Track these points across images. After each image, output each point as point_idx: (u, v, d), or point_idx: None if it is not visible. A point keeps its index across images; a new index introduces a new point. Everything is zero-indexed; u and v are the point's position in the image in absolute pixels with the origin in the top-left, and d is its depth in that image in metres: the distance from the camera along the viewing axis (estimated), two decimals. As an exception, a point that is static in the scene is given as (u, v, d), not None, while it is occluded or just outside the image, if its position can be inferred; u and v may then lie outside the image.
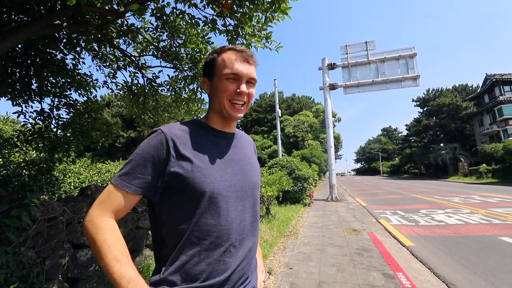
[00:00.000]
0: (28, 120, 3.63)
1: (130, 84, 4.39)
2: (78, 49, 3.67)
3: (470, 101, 36.73)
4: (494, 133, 32.38)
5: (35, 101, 3.64)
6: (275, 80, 17.12)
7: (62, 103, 3.90)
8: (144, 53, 4.11)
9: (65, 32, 3.28)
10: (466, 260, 3.89)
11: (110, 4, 2.83)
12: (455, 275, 3.40)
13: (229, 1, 2.63)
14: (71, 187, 5.48)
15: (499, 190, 14.49)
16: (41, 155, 4.14)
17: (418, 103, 43.62)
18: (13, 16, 2.71)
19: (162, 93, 4.57)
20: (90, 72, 4.14)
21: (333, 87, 13.34)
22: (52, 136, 3.81)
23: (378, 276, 3.29)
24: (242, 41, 3.07)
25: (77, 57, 3.76)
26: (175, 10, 3.13)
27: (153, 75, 4.35)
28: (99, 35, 3.26)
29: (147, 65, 4.30)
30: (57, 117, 3.85)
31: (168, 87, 4.43)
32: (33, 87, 3.56)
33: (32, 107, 3.67)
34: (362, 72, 13.18)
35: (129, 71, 4.29)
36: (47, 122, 3.79)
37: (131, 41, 4.02)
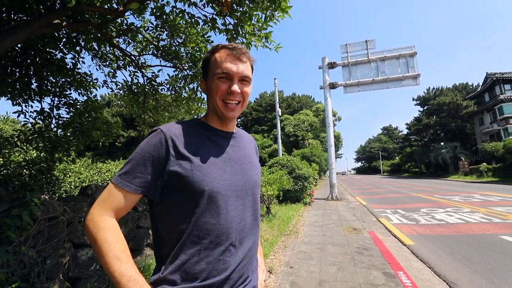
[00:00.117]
0: (28, 119, 3.63)
1: (130, 84, 4.38)
2: (78, 48, 3.66)
3: (470, 100, 36.68)
4: (494, 132, 32.35)
5: (35, 101, 3.64)
6: (275, 79, 17.12)
7: (62, 103, 3.90)
8: (144, 52, 4.10)
9: (64, 32, 3.27)
10: (467, 259, 3.89)
11: (110, 3, 2.82)
12: (456, 274, 3.40)
13: (228, 0, 2.63)
14: (72, 186, 5.49)
15: (499, 189, 14.48)
16: (42, 154, 4.14)
17: (419, 102, 43.57)
18: (12, 16, 2.71)
19: (162, 92, 4.56)
20: (90, 71, 4.16)
21: (333, 86, 13.33)
22: (52, 136, 3.81)
23: (378, 275, 3.29)
24: (242, 40, 3.06)
25: (77, 56, 3.75)
26: (174, 9, 3.12)
27: (153, 74, 4.35)
28: (99, 34, 3.26)
29: (147, 64, 4.30)
30: (57, 117, 3.85)
31: (168, 86, 4.42)
32: (33, 86, 3.56)
33: (32, 106, 3.67)
34: (362, 71, 13.16)
35: (129, 70, 4.28)
36: (47, 122, 3.79)
37: (130, 40, 4.01)
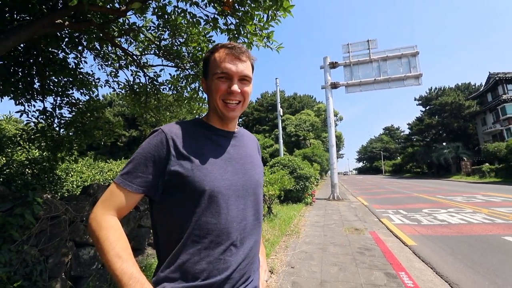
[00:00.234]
0: (31, 119, 3.64)
1: (132, 83, 4.39)
2: (80, 48, 3.67)
3: (473, 100, 36.49)
4: (497, 132, 32.17)
5: (37, 100, 3.65)
6: (276, 79, 17.12)
7: (65, 102, 3.91)
8: (146, 52, 4.10)
9: (67, 31, 3.28)
10: (469, 260, 3.87)
11: (112, 3, 2.83)
12: (458, 274, 3.38)
13: (230, 0, 2.62)
14: (74, 185, 5.50)
15: (502, 189, 14.40)
16: (44, 154, 4.15)
17: (421, 102, 43.38)
18: (15, 15, 2.72)
19: (163, 92, 4.57)
20: (92, 71, 4.14)
21: (335, 86, 13.30)
22: (55, 135, 3.82)
23: (380, 276, 3.28)
24: (243, 40, 3.06)
25: (79, 56, 3.76)
26: (176, 9, 3.12)
27: (155, 74, 4.35)
28: (101, 34, 3.26)
29: (148, 64, 4.30)
30: (60, 116, 3.86)
31: (169, 86, 4.42)
32: (35, 86, 3.57)
33: (34, 106, 3.68)
34: (364, 71, 13.13)
35: (130, 70, 4.29)
36: (49, 121, 3.80)
37: (132, 40, 4.01)
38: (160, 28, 3.59)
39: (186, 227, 0.77)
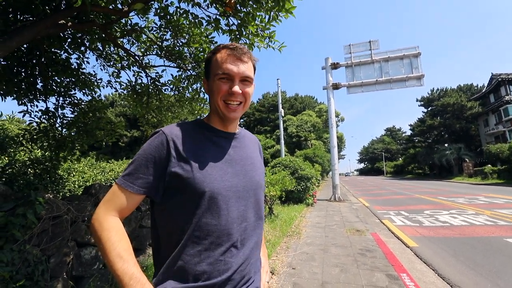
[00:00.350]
0: (33, 119, 3.66)
1: (134, 84, 4.40)
2: (83, 48, 3.69)
3: (475, 101, 36.33)
4: (499, 133, 32.00)
5: (40, 100, 3.67)
6: (278, 79, 17.13)
7: (67, 102, 3.93)
8: (148, 52, 4.12)
9: (69, 32, 3.30)
10: (471, 262, 3.84)
11: (114, 4, 2.84)
12: (460, 276, 3.37)
13: (232, 1, 2.63)
14: (76, 185, 5.53)
15: (505, 191, 14.31)
16: (46, 154, 4.17)
17: (422, 103, 43.25)
18: (18, 16, 2.74)
19: (165, 92, 4.58)
20: (94, 71, 4.17)
21: (336, 86, 13.29)
22: (57, 135, 3.84)
23: (381, 277, 3.27)
24: (245, 41, 3.07)
25: (82, 56, 3.78)
26: (178, 10, 3.14)
27: (157, 74, 4.37)
28: (103, 35, 3.28)
29: (150, 64, 4.31)
30: (62, 116, 3.88)
31: (171, 86, 4.44)
32: (38, 86, 3.59)
33: (37, 106, 3.70)
34: (366, 72, 13.11)
35: (133, 70, 4.30)
36: (52, 121, 3.82)
37: (135, 41, 4.03)
38: (162, 29, 3.60)
39: (186, 228, 0.77)
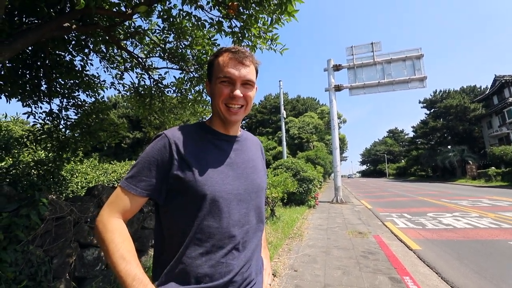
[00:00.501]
0: (37, 120, 3.69)
1: (137, 85, 4.42)
2: (86, 50, 3.72)
3: (478, 102, 36.10)
4: (503, 135, 31.74)
5: (44, 102, 3.70)
6: (280, 81, 17.13)
7: (71, 104, 3.96)
8: (151, 54, 4.14)
9: (73, 34, 3.33)
10: (475, 265, 3.81)
11: (118, 6, 2.87)
12: (464, 279, 3.34)
13: (235, 3, 2.64)
14: (78, 186, 5.56)
15: (509, 193, 14.18)
16: (50, 155, 4.20)
17: (425, 104, 43.06)
18: (23, 19, 2.77)
19: (168, 94, 4.60)
20: (98, 73, 4.20)
21: (338, 88, 13.27)
22: (61, 136, 3.87)
23: (384, 280, 3.25)
24: (247, 43, 3.08)
25: (85, 58, 3.81)
26: (181, 12, 3.16)
27: (160, 76, 4.39)
28: (107, 37, 3.31)
29: (153, 66, 4.34)
30: (66, 118, 3.91)
31: (174, 88, 4.46)
32: (42, 88, 3.62)
33: (41, 107, 3.73)
34: (368, 73, 13.08)
35: (136, 72, 4.33)
36: (56, 123, 3.85)
37: (138, 43, 4.06)
38: (165, 31, 3.62)
39: (188, 231, 0.78)
